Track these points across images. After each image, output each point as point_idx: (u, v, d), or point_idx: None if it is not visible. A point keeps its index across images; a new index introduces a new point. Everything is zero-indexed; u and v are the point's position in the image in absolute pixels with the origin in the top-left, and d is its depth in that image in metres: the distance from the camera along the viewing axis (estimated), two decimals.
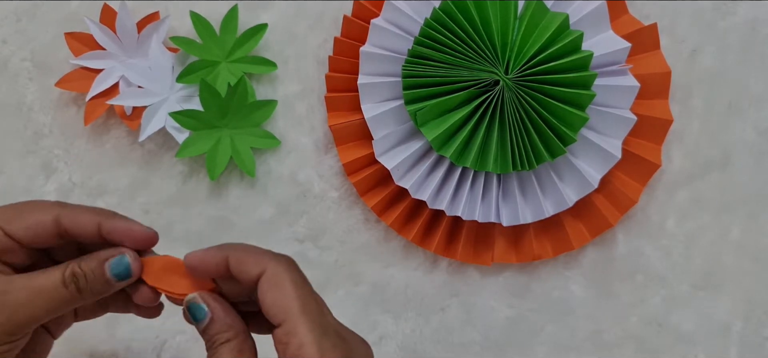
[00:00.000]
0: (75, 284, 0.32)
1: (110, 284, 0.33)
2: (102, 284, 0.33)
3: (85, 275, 0.32)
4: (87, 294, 0.32)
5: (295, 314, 0.30)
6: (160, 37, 0.48)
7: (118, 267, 0.33)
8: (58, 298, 0.31)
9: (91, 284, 0.32)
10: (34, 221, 0.32)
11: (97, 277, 0.32)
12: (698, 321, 0.50)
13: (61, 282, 0.32)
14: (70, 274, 0.32)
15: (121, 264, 0.33)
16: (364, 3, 0.48)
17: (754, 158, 0.49)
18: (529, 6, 0.44)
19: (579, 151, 0.46)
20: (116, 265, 0.33)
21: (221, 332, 0.32)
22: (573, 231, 0.48)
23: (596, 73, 0.44)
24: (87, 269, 0.32)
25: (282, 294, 0.30)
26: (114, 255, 0.33)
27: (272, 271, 0.31)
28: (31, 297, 0.31)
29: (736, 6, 0.49)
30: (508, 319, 0.50)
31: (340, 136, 0.48)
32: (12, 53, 0.50)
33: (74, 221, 0.33)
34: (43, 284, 0.32)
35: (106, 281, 0.33)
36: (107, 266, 0.32)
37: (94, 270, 0.32)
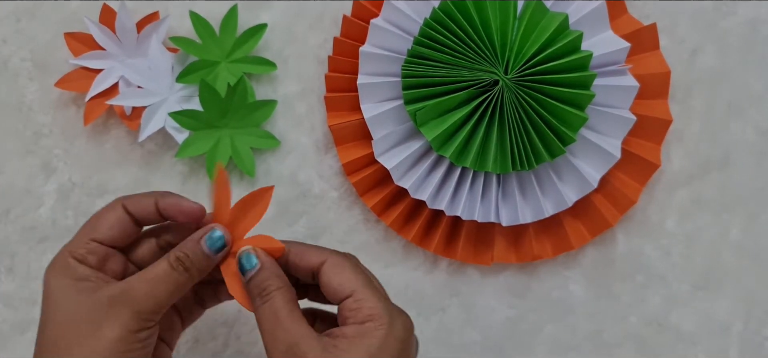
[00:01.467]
0: (182, 264, 0.35)
1: (210, 257, 0.36)
2: (203, 259, 0.35)
3: (187, 255, 0.35)
4: (194, 272, 0.35)
5: (361, 287, 0.35)
6: (160, 37, 0.48)
7: (212, 240, 0.36)
8: (172, 281, 0.35)
9: (195, 261, 0.35)
10: (114, 218, 0.36)
11: (198, 254, 0.35)
12: (698, 321, 0.50)
13: (169, 267, 0.35)
14: (174, 258, 0.35)
15: (214, 237, 0.36)
16: (364, 3, 0.48)
17: (754, 158, 0.49)
18: (528, 6, 0.44)
19: (578, 151, 0.46)
20: (210, 239, 0.36)
21: (271, 279, 0.35)
22: (573, 231, 0.48)
23: (596, 73, 0.44)
24: (187, 249, 0.35)
25: (346, 275, 0.35)
26: (206, 232, 0.36)
27: (334, 259, 0.36)
28: (150, 287, 0.34)
29: (736, 6, 0.49)
30: (508, 319, 0.50)
31: (340, 136, 0.48)
32: (12, 53, 0.50)
33: (137, 204, 0.36)
34: (157, 273, 0.35)
35: (206, 255, 0.35)
36: (203, 242, 0.35)
37: (194, 249, 0.35)
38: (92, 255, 0.35)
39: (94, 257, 0.35)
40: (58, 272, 0.35)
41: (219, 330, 0.50)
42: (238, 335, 0.50)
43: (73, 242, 0.36)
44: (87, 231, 0.36)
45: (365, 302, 0.34)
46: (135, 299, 0.34)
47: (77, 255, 0.35)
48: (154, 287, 0.34)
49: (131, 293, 0.34)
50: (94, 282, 0.35)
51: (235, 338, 0.50)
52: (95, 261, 0.35)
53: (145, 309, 0.34)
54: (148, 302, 0.34)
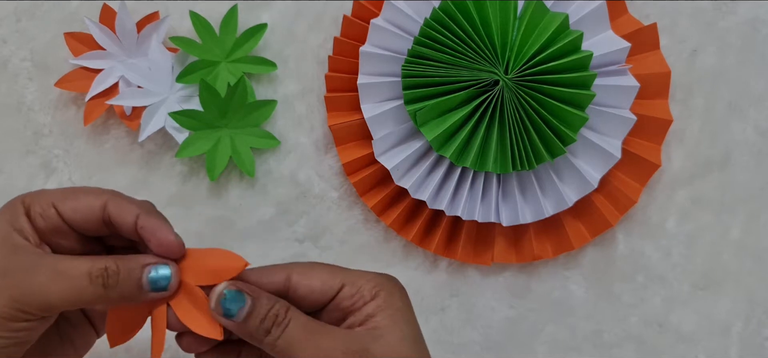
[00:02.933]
0: (102, 279, 0.30)
1: (143, 290, 0.31)
2: (133, 288, 0.31)
3: (118, 273, 0.30)
4: (113, 294, 0.30)
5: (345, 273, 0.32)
6: (160, 37, 0.48)
7: (157, 276, 0.31)
8: (78, 289, 0.30)
9: (122, 284, 0.30)
10: (84, 204, 0.31)
11: (131, 279, 0.31)
12: (698, 321, 0.50)
13: (86, 273, 0.30)
14: (100, 268, 0.30)
15: (161, 273, 0.31)
16: (364, 3, 0.48)
17: (755, 158, 0.49)
18: (528, 6, 0.44)
19: (579, 151, 0.46)
20: (155, 272, 0.31)
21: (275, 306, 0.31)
22: (573, 231, 0.48)
23: (596, 73, 0.44)
24: (123, 267, 0.31)
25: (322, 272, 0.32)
26: (155, 261, 0.31)
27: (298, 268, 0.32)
28: (51, 280, 0.30)
29: (737, 6, 0.49)
30: (508, 319, 0.50)
31: (340, 136, 0.48)
32: (12, 53, 0.50)
33: (118, 208, 0.31)
34: (68, 269, 0.30)
35: (140, 286, 0.31)
36: (146, 271, 0.31)
37: (131, 271, 0.31)
38: (42, 219, 0.31)
39: (43, 221, 0.31)
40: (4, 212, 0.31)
41: None
42: None
43: (37, 194, 0.32)
44: (56, 194, 0.32)
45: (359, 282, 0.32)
46: (23, 283, 0.29)
47: (30, 209, 0.31)
48: (52, 283, 0.29)
49: (26, 275, 0.29)
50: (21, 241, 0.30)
51: None
52: (42, 226, 0.31)
53: (25, 300, 0.29)
54: (35, 294, 0.29)
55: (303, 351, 0.30)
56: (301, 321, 0.31)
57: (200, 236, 0.50)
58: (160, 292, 0.31)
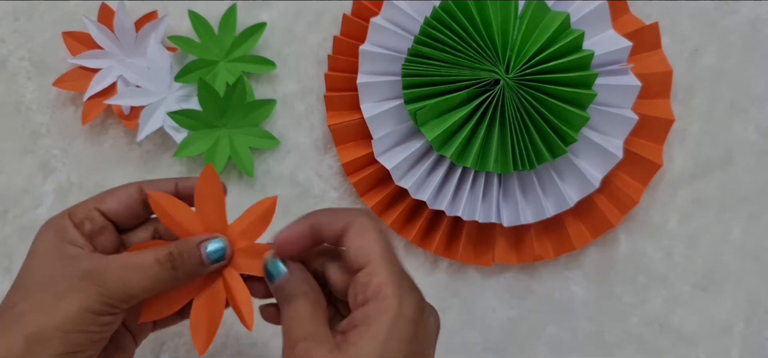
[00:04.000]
0: (171, 261, 0.34)
1: (204, 264, 0.34)
2: (197, 265, 0.34)
3: (181, 254, 0.34)
4: (181, 273, 0.34)
5: (378, 257, 0.32)
6: (159, 37, 0.48)
7: (214, 248, 0.34)
8: (153, 275, 0.33)
9: (186, 263, 0.34)
10: (125, 195, 0.35)
11: (192, 257, 0.34)
12: (700, 322, 0.49)
13: (155, 260, 0.33)
14: (165, 253, 0.34)
15: (216, 246, 0.35)
16: (364, 2, 0.47)
17: (756, 158, 0.49)
18: (529, 5, 0.43)
19: (580, 151, 0.46)
20: (211, 246, 0.34)
21: (299, 284, 0.34)
22: (574, 231, 0.48)
23: (597, 72, 0.43)
24: (183, 248, 0.34)
25: (368, 239, 0.32)
26: (209, 238, 0.35)
27: (360, 222, 0.33)
28: (128, 272, 0.33)
29: (738, 5, 0.49)
30: (509, 320, 0.50)
31: (340, 135, 0.48)
32: (10, 52, 0.50)
33: (155, 185, 0.36)
34: (139, 261, 0.33)
35: (201, 261, 0.34)
36: (203, 247, 0.34)
37: (190, 250, 0.34)
38: (89, 222, 0.34)
39: (90, 224, 0.34)
40: (50, 230, 0.34)
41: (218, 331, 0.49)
42: (237, 336, 0.50)
43: (78, 205, 0.35)
44: (94, 200, 0.35)
45: (376, 275, 0.31)
46: (106, 279, 0.33)
47: (75, 218, 0.34)
48: (130, 274, 0.33)
49: (104, 273, 0.33)
50: (78, 250, 0.34)
51: (235, 339, 0.50)
52: (90, 229, 0.34)
53: (112, 294, 0.33)
54: (118, 287, 0.33)
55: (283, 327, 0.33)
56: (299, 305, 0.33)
57: None
58: (220, 262, 0.35)
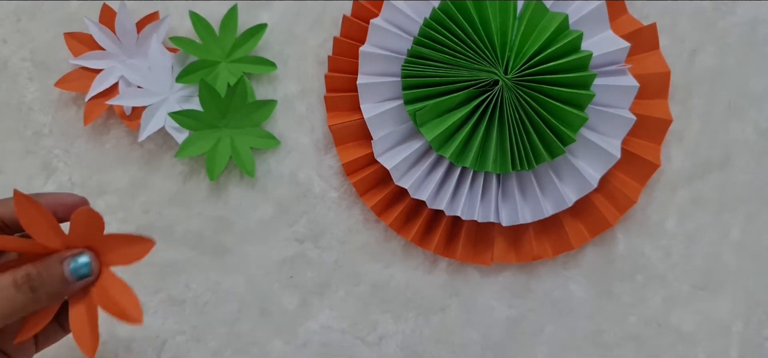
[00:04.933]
0: (29, 284, 0.30)
1: (69, 283, 0.31)
2: (59, 284, 0.31)
3: (40, 274, 0.30)
4: (42, 296, 0.30)
5: None
6: (160, 37, 0.48)
7: (77, 264, 0.31)
8: (9, 300, 0.29)
9: (47, 283, 0.30)
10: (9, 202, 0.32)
11: (54, 277, 0.31)
12: (698, 321, 0.50)
13: (12, 284, 0.30)
14: (22, 275, 0.30)
15: (81, 261, 0.31)
16: (364, 3, 0.48)
17: (754, 158, 0.49)
18: (528, 6, 0.44)
19: (578, 151, 0.46)
20: (75, 262, 0.31)
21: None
22: (572, 231, 0.48)
23: (595, 73, 0.44)
24: (43, 268, 0.31)
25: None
26: (73, 254, 0.31)
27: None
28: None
29: (736, 6, 0.49)
30: (508, 319, 0.50)
31: (340, 136, 0.48)
32: (12, 53, 0.50)
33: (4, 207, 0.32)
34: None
35: (65, 280, 0.31)
36: (66, 264, 0.31)
37: (51, 270, 0.31)
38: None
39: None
40: None
41: (219, 330, 0.50)
42: (238, 335, 0.50)
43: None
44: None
45: None
46: None
47: None
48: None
49: None
50: None
51: (236, 337, 0.50)
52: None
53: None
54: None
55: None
56: None
57: (200, 236, 0.50)
58: (85, 279, 0.31)
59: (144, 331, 0.50)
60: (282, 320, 0.50)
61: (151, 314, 0.50)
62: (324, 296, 0.50)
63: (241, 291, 0.50)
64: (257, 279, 0.50)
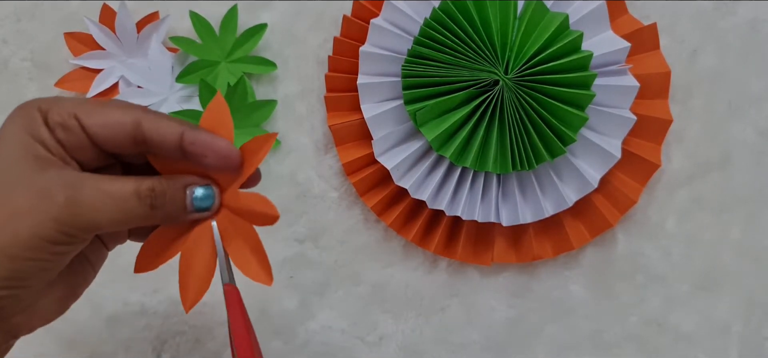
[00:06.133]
0: (151, 199, 0.29)
1: (187, 210, 0.30)
2: (178, 210, 0.30)
3: (164, 192, 0.29)
4: (159, 214, 0.29)
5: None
6: (160, 37, 0.48)
7: (203, 196, 0.30)
8: (128, 209, 0.28)
9: (168, 205, 0.29)
10: (114, 120, 0.29)
11: (176, 200, 0.30)
12: (698, 321, 0.50)
13: (134, 193, 0.28)
14: (147, 188, 0.29)
15: (203, 194, 0.30)
16: (364, 3, 0.48)
17: (755, 158, 0.49)
18: (528, 6, 0.44)
19: (579, 151, 0.46)
20: (202, 193, 0.30)
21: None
22: (573, 231, 0.48)
23: (596, 73, 0.44)
24: (168, 188, 0.29)
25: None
26: (199, 183, 0.30)
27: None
28: (100, 201, 0.28)
29: (736, 6, 0.49)
30: (508, 319, 0.50)
31: (340, 136, 0.48)
32: (12, 53, 0.50)
33: (156, 126, 0.29)
34: (117, 190, 0.28)
35: (184, 207, 0.30)
36: (189, 192, 0.30)
37: (175, 192, 0.30)
38: (63, 130, 0.28)
39: (64, 133, 0.28)
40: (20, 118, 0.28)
41: (219, 330, 0.50)
42: None
43: (53, 102, 0.29)
44: (77, 104, 0.29)
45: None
46: (77, 202, 0.27)
47: (49, 119, 0.28)
48: (101, 202, 0.28)
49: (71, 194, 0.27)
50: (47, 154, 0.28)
51: None
52: (63, 139, 0.28)
53: (74, 222, 0.27)
54: (85, 217, 0.27)
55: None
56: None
57: None
58: (203, 212, 0.30)
59: (144, 331, 0.50)
60: (282, 320, 0.50)
61: (151, 314, 0.50)
62: (324, 296, 0.50)
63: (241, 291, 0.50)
64: None
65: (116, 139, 0.29)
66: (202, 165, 0.30)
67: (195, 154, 0.30)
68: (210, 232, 0.31)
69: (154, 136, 0.29)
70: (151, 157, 0.31)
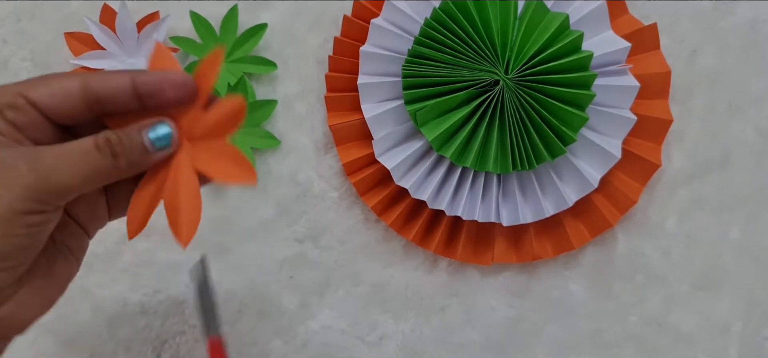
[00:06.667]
0: (110, 148, 0.29)
1: (148, 152, 0.29)
2: (139, 152, 0.29)
3: (120, 140, 0.29)
4: (123, 162, 0.29)
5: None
6: (160, 37, 0.48)
7: (159, 133, 0.29)
8: (92, 163, 0.28)
9: (128, 150, 0.29)
10: (61, 88, 0.29)
11: (134, 143, 0.29)
12: (698, 321, 0.50)
13: (93, 146, 0.28)
14: (104, 139, 0.28)
15: (160, 131, 0.29)
16: (364, 3, 0.48)
17: (754, 158, 0.49)
18: (529, 6, 0.44)
19: (579, 151, 0.46)
20: (158, 130, 0.29)
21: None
22: (573, 231, 0.48)
23: (596, 73, 0.44)
24: (123, 134, 0.29)
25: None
26: (151, 123, 0.30)
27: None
28: (63, 162, 0.28)
29: (736, 6, 0.49)
30: (508, 319, 0.50)
31: (340, 136, 0.48)
32: (12, 53, 0.50)
33: (104, 81, 0.29)
34: (77, 149, 0.28)
35: (144, 148, 0.29)
36: (145, 133, 0.29)
37: (132, 137, 0.29)
38: (12, 111, 0.28)
39: (13, 113, 0.28)
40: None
41: None
42: (238, 335, 0.50)
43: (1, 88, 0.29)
44: (21, 85, 0.29)
45: None
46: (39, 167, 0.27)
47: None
48: (65, 162, 0.28)
49: (32, 162, 0.27)
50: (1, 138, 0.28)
51: (236, 337, 0.50)
52: (13, 119, 0.28)
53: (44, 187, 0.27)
54: (51, 180, 0.27)
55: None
56: None
57: (200, 236, 0.50)
58: (164, 149, 0.30)
59: (144, 331, 0.50)
60: (282, 320, 0.50)
61: (151, 314, 0.50)
62: (324, 296, 0.50)
63: (241, 291, 0.50)
64: (257, 279, 0.50)
65: (67, 106, 0.29)
66: (160, 103, 0.30)
67: (151, 93, 0.29)
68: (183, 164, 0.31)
69: (105, 91, 0.29)
70: (108, 120, 0.30)
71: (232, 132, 0.30)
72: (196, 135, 0.30)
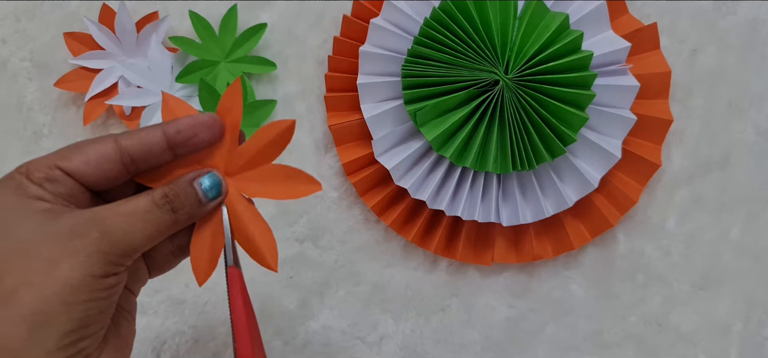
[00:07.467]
0: (169, 204, 0.29)
1: (202, 203, 0.30)
2: (194, 204, 0.30)
3: (177, 194, 0.30)
4: (182, 216, 0.30)
5: None
6: (160, 37, 0.48)
7: (211, 183, 0.30)
8: (154, 220, 0.29)
9: (185, 203, 0.30)
10: (96, 154, 0.29)
11: (189, 196, 0.30)
12: (698, 321, 0.50)
13: (152, 204, 0.29)
14: (161, 195, 0.29)
15: (214, 180, 0.31)
16: (364, 3, 0.48)
17: (754, 158, 0.49)
18: (529, 6, 0.44)
19: (579, 151, 0.46)
20: (209, 181, 0.30)
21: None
22: (573, 231, 0.48)
23: (596, 73, 0.44)
24: (178, 188, 0.30)
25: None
26: (202, 174, 0.31)
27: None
28: (127, 223, 0.28)
29: (736, 6, 0.49)
30: (508, 319, 0.50)
31: (340, 136, 0.48)
32: (11, 53, 0.50)
33: (136, 139, 0.29)
34: (135, 207, 0.29)
35: (198, 200, 0.30)
36: (197, 184, 0.30)
37: (186, 189, 0.30)
38: (49, 183, 0.28)
39: (51, 186, 0.28)
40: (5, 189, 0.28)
41: (219, 330, 0.50)
42: None
43: (32, 162, 0.28)
44: (55, 156, 0.29)
45: None
46: (103, 233, 0.27)
47: (33, 177, 0.28)
48: (130, 224, 0.28)
49: (99, 226, 0.27)
50: (49, 205, 0.28)
51: None
52: (52, 191, 0.28)
53: (116, 250, 0.28)
54: (122, 241, 0.28)
55: None
56: None
57: None
58: (217, 198, 0.31)
59: (144, 331, 0.50)
60: (282, 320, 0.50)
61: (151, 314, 0.50)
62: (324, 296, 0.50)
63: None
64: (257, 279, 0.50)
65: (105, 172, 0.29)
66: (193, 148, 0.30)
67: (186, 139, 0.30)
68: (235, 200, 0.32)
69: (140, 150, 0.29)
70: (141, 178, 0.31)
71: (280, 154, 0.31)
72: (234, 169, 0.31)
